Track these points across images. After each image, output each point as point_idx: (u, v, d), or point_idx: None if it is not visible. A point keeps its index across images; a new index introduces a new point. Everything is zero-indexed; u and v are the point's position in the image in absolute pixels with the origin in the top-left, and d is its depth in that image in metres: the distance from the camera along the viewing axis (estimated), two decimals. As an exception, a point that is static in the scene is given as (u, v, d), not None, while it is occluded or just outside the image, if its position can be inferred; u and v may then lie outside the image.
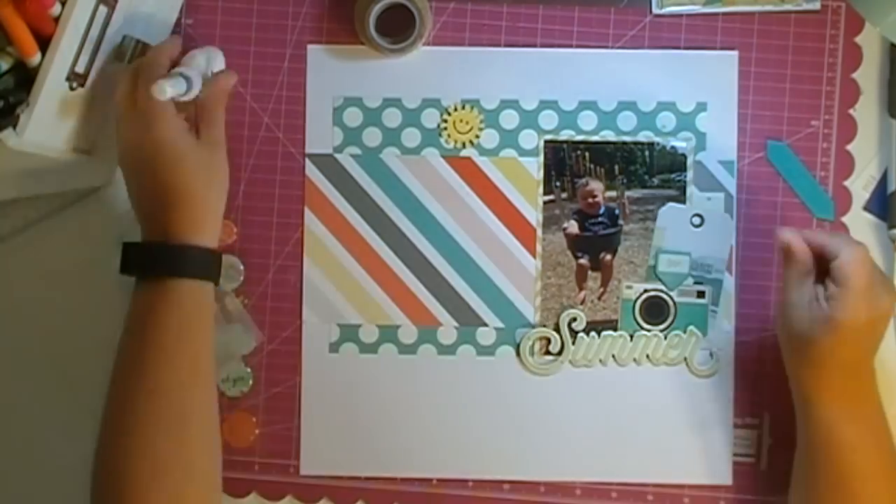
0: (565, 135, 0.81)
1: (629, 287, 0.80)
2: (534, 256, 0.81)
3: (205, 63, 0.77)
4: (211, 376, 0.71)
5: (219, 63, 0.79)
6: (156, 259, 0.70)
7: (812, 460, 0.73)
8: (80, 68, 0.74)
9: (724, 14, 0.81)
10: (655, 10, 0.81)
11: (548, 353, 0.80)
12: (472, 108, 0.81)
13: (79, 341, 0.80)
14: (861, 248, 0.71)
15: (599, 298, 0.80)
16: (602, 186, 0.81)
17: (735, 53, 0.81)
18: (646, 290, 0.80)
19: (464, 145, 0.81)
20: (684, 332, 0.80)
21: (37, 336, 0.81)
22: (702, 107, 0.81)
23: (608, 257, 0.81)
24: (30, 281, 0.81)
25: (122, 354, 0.70)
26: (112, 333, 0.80)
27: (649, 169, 0.81)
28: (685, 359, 0.80)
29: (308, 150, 0.81)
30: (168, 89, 0.70)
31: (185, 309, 0.70)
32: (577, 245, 0.81)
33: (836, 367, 0.71)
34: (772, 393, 0.80)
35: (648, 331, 0.80)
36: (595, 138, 0.81)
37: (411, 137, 0.81)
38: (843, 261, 0.70)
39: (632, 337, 0.80)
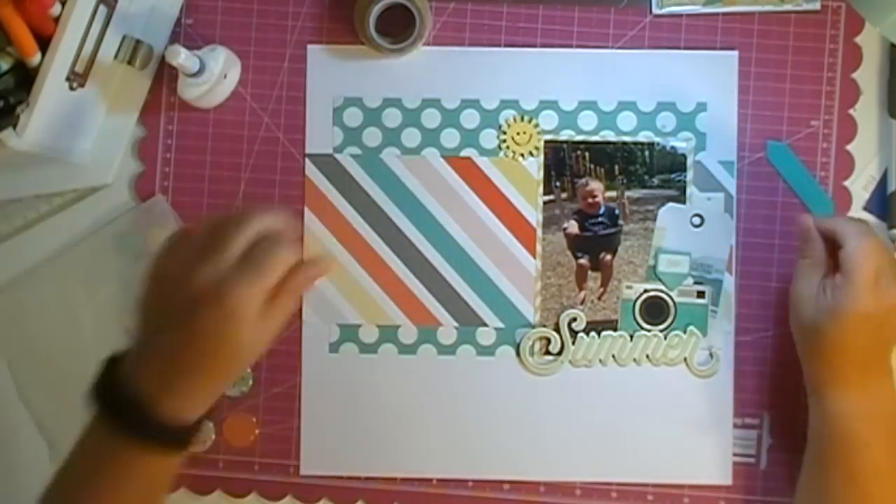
0: (565, 135, 0.81)
1: (629, 287, 0.80)
2: (534, 256, 0.81)
3: (223, 61, 0.77)
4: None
5: (234, 73, 0.80)
6: (148, 427, 0.61)
7: (823, 456, 0.72)
8: (80, 68, 0.74)
9: (724, 14, 0.81)
10: (655, 10, 0.81)
11: (548, 353, 0.80)
12: (529, 119, 0.80)
13: (78, 341, 0.80)
14: (868, 238, 0.70)
15: (599, 298, 0.80)
16: (602, 186, 0.81)
17: (735, 53, 0.81)
18: (646, 290, 0.80)
19: (522, 156, 0.81)
20: (684, 332, 0.80)
21: (36, 336, 0.81)
22: (702, 107, 0.81)
23: (608, 257, 0.81)
24: (30, 281, 0.81)
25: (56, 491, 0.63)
26: (111, 333, 0.81)
27: (649, 169, 0.81)
28: (685, 359, 0.80)
29: (308, 150, 0.81)
30: (182, 54, 0.71)
31: (136, 477, 0.62)
32: (577, 245, 0.81)
33: (848, 360, 0.70)
34: (772, 393, 0.80)
35: (648, 331, 0.80)
36: (595, 138, 0.81)
37: (411, 137, 0.81)
38: (847, 250, 0.70)
39: (632, 337, 0.80)
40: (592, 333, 0.80)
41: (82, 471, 0.63)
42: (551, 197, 0.81)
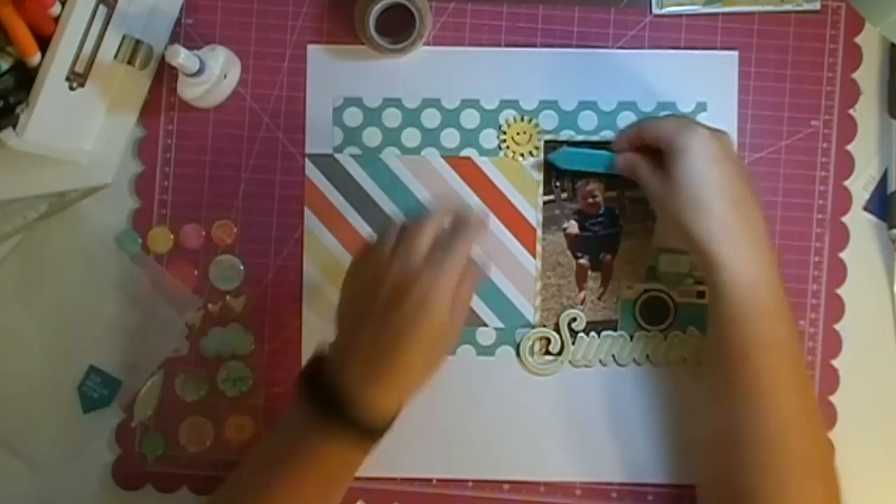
0: (565, 135, 0.81)
1: (629, 287, 0.80)
2: (534, 256, 0.81)
3: (223, 61, 0.77)
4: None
5: (234, 73, 0.80)
6: (348, 416, 0.64)
7: (722, 347, 0.70)
8: (80, 68, 0.74)
9: (724, 14, 0.81)
10: (655, 10, 0.81)
11: (548, 353, 0.80)
12: (528, 119, 0.80)
13: (78, 341, 0.80)
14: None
15: (599, 298, 0.80)
16: (602, 186, 0.81)
17: (735, 53, 0.81)
18: (646, 290, 0.80)
19: (522, 156, 0.81)
20: (684, 332, 0.80)
21: (36, 335, 0.81)
22: (702, 107, 0.81)
23: (608, 257, 0.81)
24: (30, 281, 0.81)
25: (249, 474, 0.68)
26: (110, 333, 0.81)
27: (649, 169, 0.81)
28: (685, 359, 0.80)
29: (308, 150, 0.81)
30: (182, 54, 0.71)
31: (335, 464, 0.67)
32: (577, 245, 0.81)
33: (722, 202, 0.68)
34: (772, 393, 0.80)
35: (648, 331, 0.80)
36: (595, 138, 0.81)
37: (411, 137, 0.81)
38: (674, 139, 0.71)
39: (632, 337, 0.80)
40: (592, 333, 0.80)
41: (275, 455, 0.67)
42: (551, 197, 0.81)
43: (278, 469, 0.66)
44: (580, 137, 0.81)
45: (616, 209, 0.81)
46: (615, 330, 0.80)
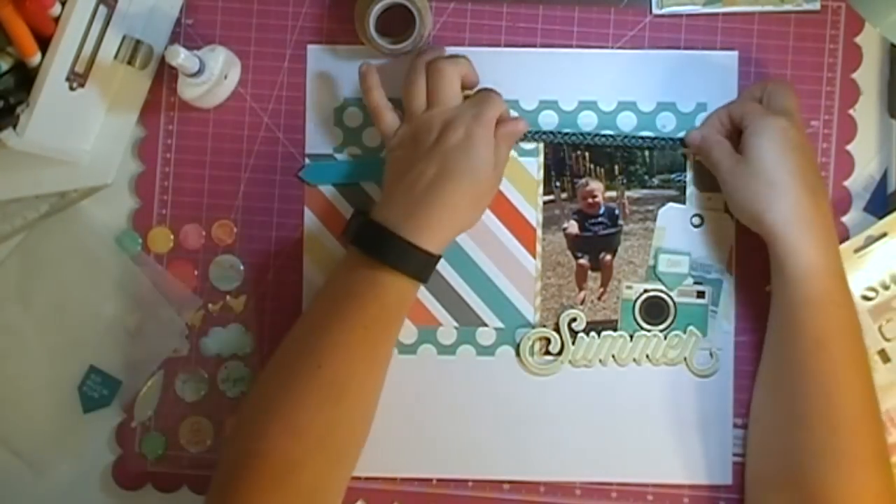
0: (565, 135, 0.81)
1: (629, 287, 0.80)
2: (534, 256, 0.81)
3: (223, 61, 0.77)
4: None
5: (234, 73, 0.80)
6: (388, 246, 0.70)
7: (790, 324, 0.72)
8: (80, 68, 0.74)
9: (724, 14, 0.81)
10: (655, 10, 0.81)
11: (548, 353, 0.80)
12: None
13: (78, 341, 0.80)
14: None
15: (599, 298, 0.80)
16: (602, 186, 0.81)
17: (735, 53, 0.81)
18: (646, 290, 0.80)
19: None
20: (684, 332, 0.80)
21: (36, 335, 0.81)
22: (702, 107, 0.81)
23: (608, 257, 0.81)
24: (30, 281, 0.81)
25: (306, 320, 0.72)
26: (110, 333, 0.81)
27: (649, 169, 0.81)
28: (685, 359, 0.80)
29: (308, 150, 0.81)
30: (182, 54, 0.71)
31: (389, 300, 0.71)
32: (577, 245, 0.81)
33: (800, 188, 0.71)
34: (772, 393, 0.80)
35: (648, 331, 0.80)
36: (594, 138, 0.81)
37: (411, 137, 0.81)
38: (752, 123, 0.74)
39: (632, 337, 0.80)
40: (592, 333, 0.80)
41: (332, 298, 0.72)
42: (551, 197, 0.81)
43: (338, 308, 0.70)
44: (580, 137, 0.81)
45: (616, 209, 0.81)
46: (615, 330, 0.80)
